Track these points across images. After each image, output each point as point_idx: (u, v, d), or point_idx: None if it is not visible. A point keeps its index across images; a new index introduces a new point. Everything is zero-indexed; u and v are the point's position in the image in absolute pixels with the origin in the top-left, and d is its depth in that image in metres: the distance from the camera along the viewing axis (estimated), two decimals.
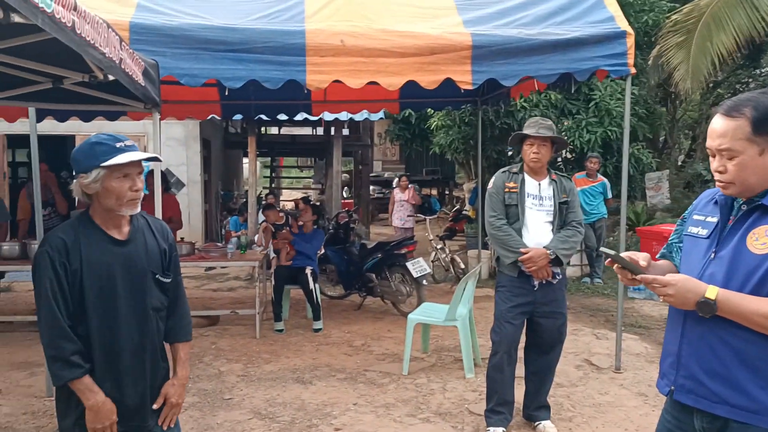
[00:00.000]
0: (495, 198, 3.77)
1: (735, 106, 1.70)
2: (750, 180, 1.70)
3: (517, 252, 3.64)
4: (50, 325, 1.95)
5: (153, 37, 4.13)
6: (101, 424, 2.01)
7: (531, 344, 3.89)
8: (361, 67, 4.44)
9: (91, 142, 2.03)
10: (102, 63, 2.71)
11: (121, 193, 2.02)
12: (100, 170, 1.98)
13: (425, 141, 14.10)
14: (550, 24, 4.61)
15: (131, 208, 2.06)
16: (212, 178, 13.35)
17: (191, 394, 4.47)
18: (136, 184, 2.05)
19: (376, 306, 7.34)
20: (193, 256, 6.17)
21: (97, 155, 1.99)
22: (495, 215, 3.75)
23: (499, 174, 3.85)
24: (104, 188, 2.00)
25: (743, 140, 1.68)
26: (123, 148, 2.02)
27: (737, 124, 1.68)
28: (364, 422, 3.99)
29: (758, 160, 1.68)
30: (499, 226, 3.72)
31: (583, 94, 9.90)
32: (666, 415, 1.90)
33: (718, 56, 9.20)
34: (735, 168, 1.71)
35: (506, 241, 3.69)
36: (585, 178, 8.46)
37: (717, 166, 1.75)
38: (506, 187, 3.75)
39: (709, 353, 1.73)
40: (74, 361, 1.95)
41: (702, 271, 1.77)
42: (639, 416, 4.06)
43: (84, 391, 1.98)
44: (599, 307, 7.24)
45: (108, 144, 2.01)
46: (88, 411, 1.99)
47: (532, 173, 3.79)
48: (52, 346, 1.95)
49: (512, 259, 3.66)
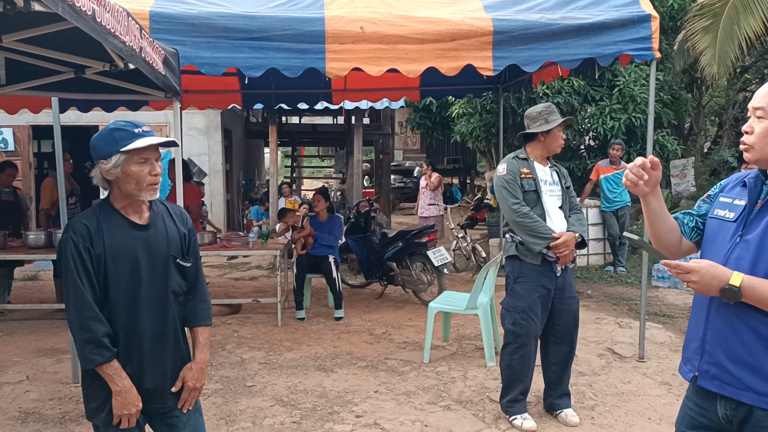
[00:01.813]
0: (513, 184, 3.68)
1: None
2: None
3: (548, 238, 3.59)
4: (80, 308, 1.96)
5: (173, 26, 4.14)
6: (128, 410, 2.03)
7: (550, 333, 3.82)
8: (381, 54, 4.41)
9: (110, 128, 2.06)
10: (122, 52, 2.73)
11: (140, 178, 2.04)
12: (120, 155, 2.01)
13: (446, 129, 14.03)
14: (573, 8, 4.53)
15: (151, 192, 2.08)
16: (233, 168, 13.44)
17: (214, 381, 4.52)
18: (155, 169, 2.07)
19: (397, 295, 7.35)
20: (215, 245, 6.22)
21: (117, 141, 2.01)
22: (518, 202, 3.66)
23: (511, 160, 3.76)
24: (124, 173, 2.03)
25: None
26: (141, 133, 2.05)
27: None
28: (385, 410, 4.00)
29: None
30: (526, 213, 3.63)
31: (606, 80, 9.76)
32: (688, 402, 1.87)
33: (745, 40, 8.98)
34: (761, 131, 1.67)
35: (536, 227, 3.61)
36: (608, 165, 8.35)
37: (746, 126, 1.73)
38: (521, 173, 3.70)
39: (734, 339, 1.70)
40: (105, 343, 1.98)
41: (728, 254, 1.74)
42: (662, 405, 4.01)
43: (112, 376, 2.00)
44: (622, 295, 7.15)
45: (127, 130, 2.04)
46: (115, 396, 2.01)
47: (539, 160, 3.78)
48: (84, 328, 1.96)
49: (543, 245, 3.59)
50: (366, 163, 19.15)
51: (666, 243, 1.96)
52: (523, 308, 3.69)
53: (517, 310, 3.71)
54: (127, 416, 2.04)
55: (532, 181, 3.70)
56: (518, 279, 3.71)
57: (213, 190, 11.67)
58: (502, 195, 3.71)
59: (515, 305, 3.72)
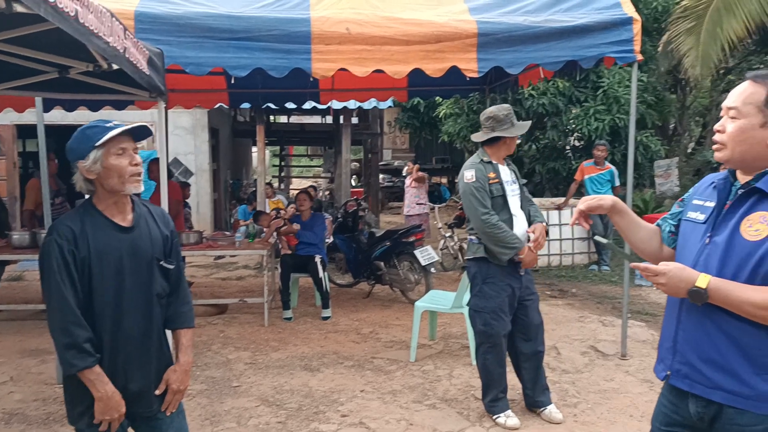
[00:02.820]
0: (482, 192, 3.66)
1: (762, 75, 1.71)
2: (742, 147, 1.70)
3: (515, 248, 3.62)
4: (63, 312, 1.94)
5: (158, 25, 4.14)
6: (110, 415, 2.01)
7: (518, 331, 3.84)
8: (367, 55, 4.43)
9: (82, 129, 2.07)
10: (106, 52, 2.73)
11: (122, 170, 2.03)
12: (97, 150, 2.01)
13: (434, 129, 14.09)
14: (556, 11, 4.58)
15: (135, 184, 2.08)
16: (221, 167, 13.40)
17: (199, 381, 4.52)
18: (134, 159, 2.07)
19: (384, 294, 7.38)
20: (201, 245, 6.21)
21: (90, 137, 2.02)
22: (487, 211, 3.65)
23: (478, 165, 3.73)
24: (105, 168, 2.02)
25: (753, 105, 1.68)
26: (112, 126, 2.05)
27: (756, 89, 1.68)
28: (371, 409, 4.03)
29: (757, 131, 1.67)
30: (495, 223, 3.63)
31: (591, 81, 9.85)
32: (663, 400, 1.91)
33: (728, 42, 9.10)
34: (733, 130, 1.70)
35: (504, 238, 3.62)
36: (593, 165, 8.43)
37: (718, 125, 1.76)
38: (489, 179, 3.70)
39: (704, 339, 1.74)
40: (87, 348, 1.95)
41: (698, 256, 1.77)
42: (644, 402, 4.06)
43: (94, 381, 1.98)
44: (606, 294, 7.23)
45: (98, 126, 2.05)
46: (97, 402, 2.00)
47: (500, 160, 3.82)
48: (65, 333, 1.94)
49: (510, 255, 3.63)
50: (354, 162, 19.17)
51: (645, 251, 2.00)
52: (493, 308, 3.72)
53: (487, 310, 3.74)
54: (109, 421, 2.02)
55: (500, 185, 3.72)
56: (487, 280, 3.73)
57: (200, 190, 11.63)
58: (470, 203, 3.68)
59: (485, 306, 3.74)
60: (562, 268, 8.83)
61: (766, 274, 1.63)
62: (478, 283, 3.78)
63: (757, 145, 1.68)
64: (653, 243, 2.00)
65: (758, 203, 1.69)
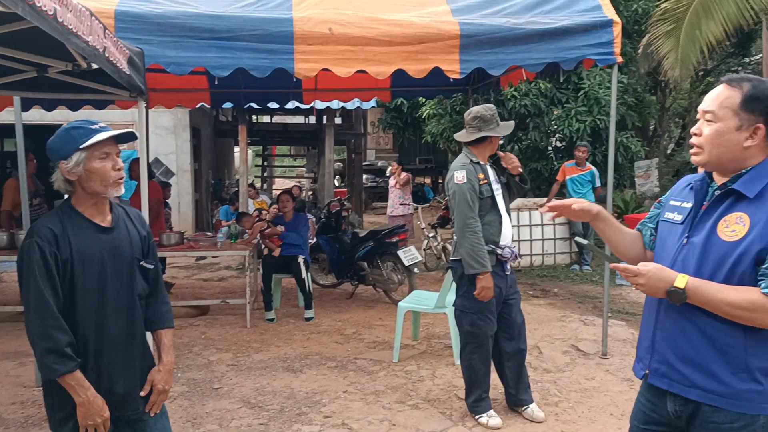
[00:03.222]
0: (473, 194, 3.64)
1: (737, 79, 1.73)
2: (718, 150, 1.73)
3: (483, 267, 3.58)
4: (43, 315, 1.91)
5: (138, 25, 4.10)
6: (92, 420, 1.98)
7: (501, 330, 3.86)
8: (350, 55, 4.43)
9: (66, 128, 2.04)
10: (85, 51, 2.70)
11: (105, 174, 2.01)
12: (81, 153, 1.98)
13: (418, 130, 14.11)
14: (538, 13, 4.61)
15: (116, 188, 2.06)
16: (202, 167, 13.30)
17: (180, 383, 4.49)
18: (117, 163, 2.06)
19: (367, 294, 7.38)
20: (183, 246, 6.16)
21: (75, 138, 1.99)
22: (473, 216, 3.63)
23: (468, 166, 3.71)
24: (87, 171, 1.99)
25: (728, 109, 1.70)
26: (98, 129, 2.02)
27: (731, 93, 1.71)
28: (353, 409, 4.03)
29: (733, 134, 1.70)
30: (477, 232, 3.61)
31: (572, 83, 9.94)
32: (641, 398, 1.94)
33: (707, 44, 9.22)
34: (710, 134, 1.73)
35: (480, 251, 3.59)
36: (574, 166, 8.51)
37: (695, 129, 1.78)
38: (479, 180, 3.69)
39: (682, 339, 1.76)
40: (68, 353, 1.92)
41: (675, 256, 1.80)
42: (624, 401, 4.11)
43: (75, 386, 1.94)
44: (587, 293, 7.30)
45: (84, 127, 2.02)
46: (79, 407, 1.97)
47: (485, 160, 3.82)
48: (45, 337, 1.90)
49: (474, 271, 3.59)
50: (338, 162, 19.15)
51: (630, 256, 2.02)
52: (480, 309, 3.73)
53: (474, 311, 3.75)
54: (92, 426, 1.99)
55: (488, 186, 3.72)
56: (474, 281, 3.69)
57: (181, 190, 11.54)
58: (460, 206, 3.65)
59: (472, 306, 3.75)
60: (543, 267, 8.89)
61: (743, 274, 1.66)
62: (465, 284, 3.77)
63: (733, 147, 1.71)
64: (636, 248, 2.02)
65: (734, 204, 1.72)
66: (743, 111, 1.68)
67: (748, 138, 1.69)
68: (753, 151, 1.71)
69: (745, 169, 1.72)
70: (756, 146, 1.70)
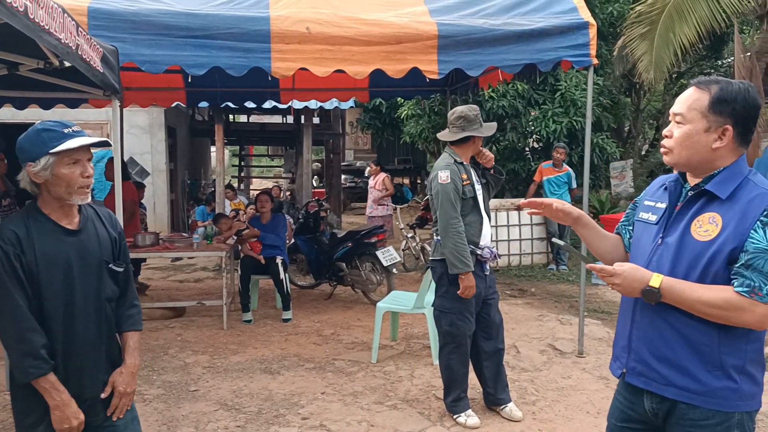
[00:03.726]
0: (455, 194, 3.64)
1: (706, 81, 1.75)
2: (687, 152, 1.75)
3: (466, 267, 3.59)
4: (17, 319, 1.88)
5: (112, 22, 4.04)
6: (69, 423, 1.95)
7: (480, 330, 3.88)
8: (327, 55, 4.41)
9: (37, 129, 1.97)
10: (57, 49, 2.65)
11: (71, 180, 1.96)
12: (49, 157, 1.93)
13: (396, 130, 14.12)
14: (515, 14, 4.64)
15: (82, 196, 2.01)
16: (178, 167, 13.16)
17: (156, 386, 4.43)
18: (86, 171, 2.00)
19: (346, 295, 7.36)
20: (158, 247, 6.08)
21: (45, 142, 1.93)
22: (457, 217, 3.63)
23: (452, 166, 3.70)
24: (54, 176, 1.95)
25: (697, 111, 1.72)
26: (71, 133, 1.97)
27: (699, 95, 1.73)
28: (332, 411, 4.01)
29: (701, 136, 1.72)
30: (460, 232, 3.61)
31: (549, 84, 10.03)
32: (618, 397, 1.96)
33: (680, 47, 9.37)
34: (679, 135, 1.76)
35: (463, 251, 3.60)
36: (551, 167, 8.59)
37: (666, 130, 1.81)
38: (462, 180, 3.69)
39: (657, 338, 1.79)
40: (43, 355, 1.90)
41: (650, 256, 1.82)
42: (600, 399, 4.15)
43: (49, 389, 1.91)
44: (564, 293, 7.37)
45: (56, 130, 1.96)
46: (53, 410, 1.93)
47: (466, 160, 3.82)
48: (21, 340, 1.88)
49: (457, 271, 3.60)
50: (316, 162, 19.08)
51: (612, 260, 2.02)
52: (459, 309, 3.74)
53: (454, 311, 3.75)
54: (68, 430, 1.96)
55: (471, 187, 3.73)
56: (454, 281, 3.70)
57: (156, 190, 11.40)
58: (444, 205, 3.65)
59: (452, 307, 3.75)
60: (521, 267, 8.96)
61: (716, 273, 1.68)
62: (444, 284, 3.77)
63: (702, 149, 1.73)
64: (618, 251, 2.04)
65: (707, 204, 1.75)
66: (711, 113, 1.70)
67: (717, 139, 1.71)
68: (722, 152, 1.73)
69: (717, 170, 1.74)
70: (725, 147, 1.72)
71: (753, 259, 1.63)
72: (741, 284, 1.64)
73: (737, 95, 1.70)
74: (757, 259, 1.62)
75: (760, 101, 1.76)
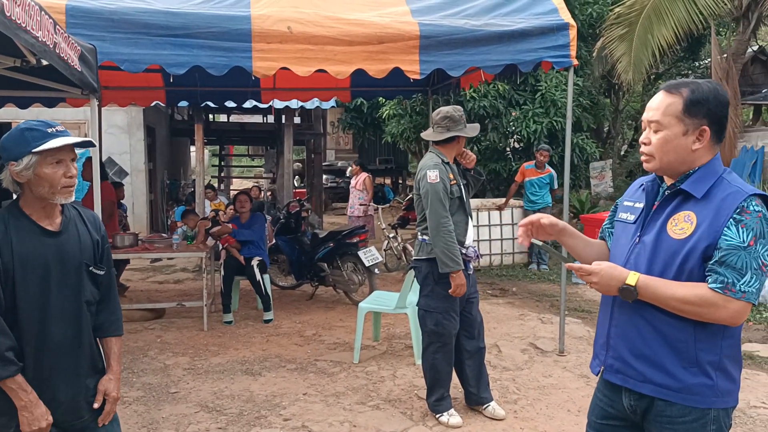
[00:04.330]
0: (445, 194, 3.64)
1: (676, 84, 1.77)
2: (669, 157, 1.77)
3: (457, 265, 3.60)
4: None
5: (91, 20, 3.99)
6: (37, 425, 1.92)
7: (462, 329, 3.89)
8: (309, 54, 4.40)
9: (21, 128, 1.95)
10: (34, 47, 2.61)
11: (54, 180, 1.94)
12: (32, 156, 1.91)
13: (378, 130, 14.12)
14: (496, 15, 4.67)
15: (65, 196, 1.99)
16: (157, 167, 13.03)
17: (135, 388, 4.38)
18: (70, 171, 1.98)
19: (328, 295, 7.34)
20: (137, 248, 6.02)
21: (29, 141, 1.91)
22: (447, 216, 3.64)
23: (440, 165, 3.70)
24: (36, 176, 1.92)
25: (672, 116, 1.74)
26: (54, 133, 1.95)
27: (672, 100, 1.75)
28: (314, 411, 4.00)
29: (681, 140, 1.75)
30: (451, 231, 3.62)
31: (529, 85, 10.11)
32: (598, 394, 1.98)
33: (658, 49, 9.51)
34: (658, 142, 1.77)
35: (454, 250, 3.61)
36: (533, 168, 8.64)
37: (643, 138, 1.83)
38: (450, 180, 3.71)
39: (635, 335, 1.81)
40: (9, 357, 1.87)
41: (628, 255, 1.85)
42: (581, 397, 4.19)
43: (17, 390, 1.89)
44: (545, 292, 7.43)
45: (39, 129, 1.94)
46: (21, 411, 1.91)
47: (451, 160, 3.83)
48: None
49: (448, 270, 3.61)
50: (297, 162, 19.01)
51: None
52: (445, 308, 3.75)
53: (439, 310, 3.76)
54: (38, 431, 1.93)
55: (458, 186, 3.75)
56: (440, 280, 3.71)
57: (135, 190, 11.28)
58: (434, 205, 3.64)
59: (437, 306, 3.76)
60: (502, 267, 9.01)
61: (691, 270, 1.71)
62: (430, 284, 3.78)
63: (683, 152, 1.76)
64: (604, 257, 2.05)
65: (683, 203, 1.78)
66: (687, 116, 1.73)
67: (696, 141, 1.74)
68: (701, 152, 1.76)
69: (693, 170, 1.77)
70: (703, 147, 1.75)
71: (726, 256, 1.66)
72: (715, 281, 1.67)
73: (709, 95, 1.73)
74: (730, 256, 1.65)
75: (728, 97, 1.80)
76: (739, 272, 1.65)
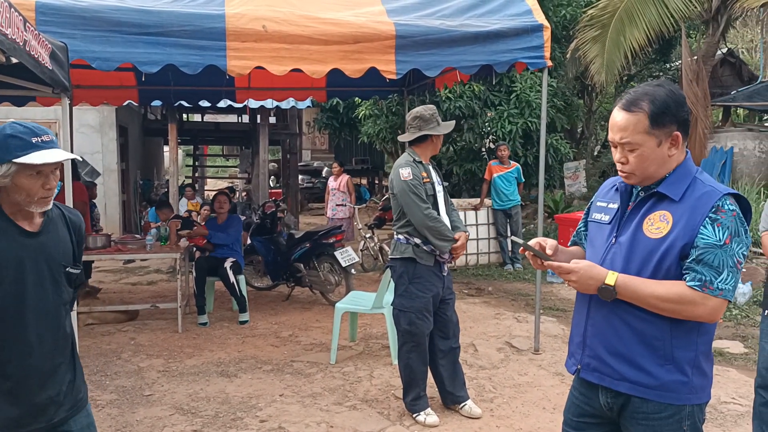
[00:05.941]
0: (420, 188, 3.71)
1: (633, 101, 1.76)
2: (650, 170, 1.80)
3: (452, 240, 3.73)
4: None
5: (62, 18, 3.93)
6: None
7: (436, 329, 3.91)
8: (285, 53, 4.38)
9: (6, 134, 1.86)
10: (3, 45, 2.56)
11: (32, 191, 1.89)
12: (11, 165, 1.84)
13: (354, 130, 14.10)
14: (471, 16, 4.70)
15: (41, 206, 1.94)
16: (130, 167, 12.84)
17: (109, 391, 4.31)
18: (49, 182, 1.91)
19: (304, 296, 7.31)
20: (110, 249, 5.92)
21: (10, 149, 1.84)
22: (428, 206, 3.71)
23: (412, 164, 3.75)
24: (14, 184, 1.87)
25: (642, 134, 1.76)
26: (40, 144, 1.87)
27: (637, 118, 1.75)
28: (290, 413, 3.98)
29: (657, 151, 1.77)
30: (436, 217, 3.71)
31: (504, 85, 10.19)
32: (574, 392, 2.00)
33: (631, 50, 9.66)
34: (636, 160, 1.79)
35: (444, 231, 3.72)
36: (499, 165, 8.73)
37: (619, 158, 1.84)
38: (423, 178, 3.74)
39: (611, 334, 1.83)
40: None
41: (604, 255, 1.87)
42: (556, 395, 4.23)
43: None
44: (520, 291, 7.49)
45: (24, 138, 1.86)
46: None
47: (426, 160, 3.87)
48: None
49: (448, 247, 3.74)
50: (273, 163, 18.88)
51: None
52: (418, 308, 3.77)
53: (413, 310, 3.78)
54: None
55: (431, 185, 3.77)
56: (414, 280, 3.75)
57: (107, 191, 11.11)
58: (411, 200, 3.68)
59: (411, 305, 3.78)
60: (478, 267, 9.06)
61: (668, 268, 1.74)
62: (404, 283, 3.80)
63: (660, 160, 1.78)
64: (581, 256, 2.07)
65: (658, 203, 1.80)
66: (656, 129, 1.74)
67: (671, 147, 1.77)
68: (676, 155, 1.79)
69: (669, 172, 1.80)
70: (678, 150, 1.79)
71: (703, 254, 1.69)
72: (693, 279, 1.70)
73: (669, 101, 1.74)
74: (707, 254, 1.68)
75: (683, 93, 1.83)
76: (717, 270, 1.68)
